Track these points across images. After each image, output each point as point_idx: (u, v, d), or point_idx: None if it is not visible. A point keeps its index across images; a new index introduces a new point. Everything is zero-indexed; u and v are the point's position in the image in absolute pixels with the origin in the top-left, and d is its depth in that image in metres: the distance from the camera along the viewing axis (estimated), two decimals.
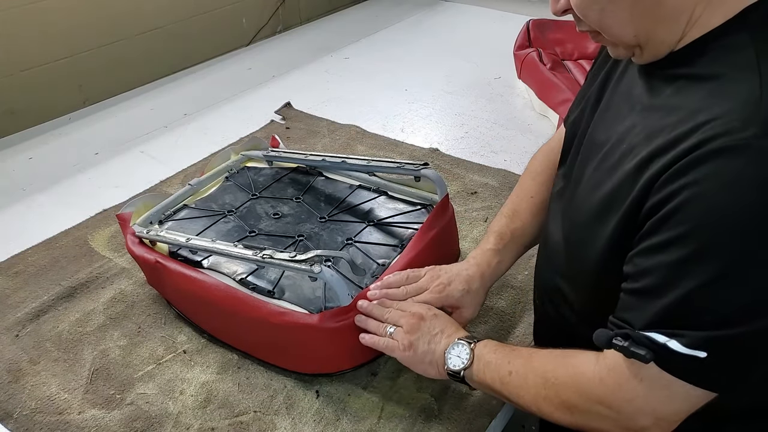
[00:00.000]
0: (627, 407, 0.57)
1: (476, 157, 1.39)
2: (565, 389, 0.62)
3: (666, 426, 0.57)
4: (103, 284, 1.05)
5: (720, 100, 0.51)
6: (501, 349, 0.70)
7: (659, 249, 0.52)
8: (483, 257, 0.84)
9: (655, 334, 0.52)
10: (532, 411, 0.66)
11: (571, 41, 1.77)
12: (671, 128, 0.53)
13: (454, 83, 1.77)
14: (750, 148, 0.47)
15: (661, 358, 0.53)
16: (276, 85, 1.80)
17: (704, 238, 0.49)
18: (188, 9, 1.93)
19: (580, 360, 0.62)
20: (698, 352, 0.51)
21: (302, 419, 0.81)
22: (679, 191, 0.50)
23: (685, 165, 0.50)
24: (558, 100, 1.48)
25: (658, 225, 0.52)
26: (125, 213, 1.00)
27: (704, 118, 0.51)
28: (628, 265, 0.56)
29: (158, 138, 1.53)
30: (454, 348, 0.72)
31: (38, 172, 1.40)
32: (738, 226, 0.48)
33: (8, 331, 0.96)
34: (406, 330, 0.76)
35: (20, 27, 1.54)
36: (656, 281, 0.53)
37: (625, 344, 0.54)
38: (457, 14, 2.33)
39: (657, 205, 0.52)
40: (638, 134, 0.58)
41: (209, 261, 0.92)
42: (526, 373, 0.66)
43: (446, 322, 0.76)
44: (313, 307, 0.82)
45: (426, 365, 0.74)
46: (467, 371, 0.70)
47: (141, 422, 0.81)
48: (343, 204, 1.05)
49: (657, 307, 0.52)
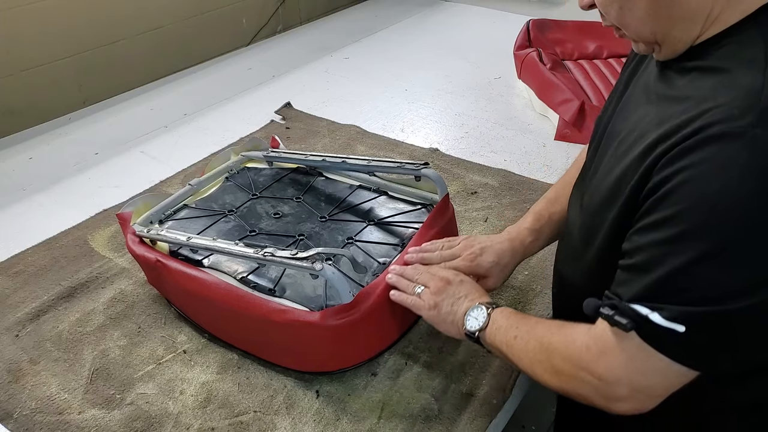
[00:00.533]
0: (607, 375, 0.60)
1: (476, 157, 1.39)
2: (556, 355, 0.65)
3: (643, 400, 0.59)
4: (103, 284, 1.05)
5: (725, 90, 0.53)
6: (513, 316, 0.74)
7: (652, 227, 0.55)
8: (518, 234, 0.88)
9: (640, 307, 0.55)
10: (528, 374, 0.70)
11: (571, 41, 1.77)
12: (678, 115, 0.56)
13: (454, 83, 1.77)
14: (745, 136, 0.50)
15: (641, 328, 0.55)
16: (276, 85, 1.80)
17: (693, 219, 0.52)
18: (188, 9, 1.93)
19: (574, 330, 0.65)
20: (677, 325, 0.53)
21: (302, 419, 0.81)
22: (676, 173, 0.53)
23: (684, 149, 0.53)
24: (558, 100, 1.48)
25: (654, 205, 0.55)
26: (125, 212, 1.00)
27: (708, 106, 0.53)
28: (626, 243, 0.59)
29: (158, 138, 1.53)
30: (473, 311, 0.76)
31: (38, 172, 1.40)
32: (725, 210, 0.50)
33: (8, 331, 0.96)
34: (433, 291, 0.80)
35: (20, 27, 1.54)
36: (646, 257, 0.55)
37: (611, 313, 0.57)
38: (457, 14, 2.33)
39: (656, 186, 0.55)
40: (650, 122, 0.60)
41: (210, 260, 0.92)
42: (528, 338, 0.69)
43: (471, 287, 0.80)
44: (314, 305, 0.82)
45: (447, 324, 0.78)
46: (482, 333, 0.74)
47: (141, 422, 0.81)
48: (344, 204, 1.05)
49: (644, 282, 0.55)
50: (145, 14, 1.82)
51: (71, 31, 1.65)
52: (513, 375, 0.86)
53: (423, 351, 0.90)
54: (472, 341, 0.76)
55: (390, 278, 0.85)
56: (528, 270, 1.04)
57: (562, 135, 1.45)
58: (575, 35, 1.78)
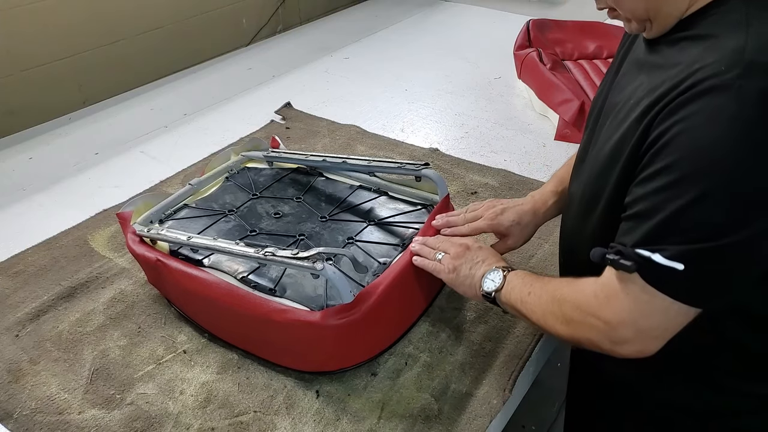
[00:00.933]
0: (613, 318, 0.64)
1: (476, 157, 1.39)
2: (566, 304, 0.70)
3: (646, 341, 0.64)
4: (103, 284, 1.05)
5: (713, 52, 0.58)
6: (528, 276, 0.79)
7: (652, 177, 0.60)
8: (541, 196, 0.94)
9: (642, 250, 0.60)
10: (541, 325, 0.74)
11: (571, 41, 1.77)
12: (671, 79, 0.61)
13: (454, 83, 1.77)
14: (732, 87, 0.55)
15: (643, 269, 0.60)
16: (276, 85, 1.80)
17: (688, 166, 0.57)
18: (188, 9, 1.93)
19: (583, 281, 0.70)
20: (676, 264, 0.58)
21: (302, 419, 0.81)
22: (671, 126, 0.58)
23: (678, 104, 0.58)
24: (558, 100, 1.48)
25: (653, 158, 0.60)
26: (125, 212, 1.00)
27: (698, 66, 0.58)
28: (628, 196, 0.64)
29: (158, 138, 1.53)
30: (490, 274, 0.81)
31: (38, 172, 1.40)
32: (716, 154, 0.55)
33: (8, 331, 0.96)
34: (453, 256, 0.85)
35: (20, 27, 1.54)
36: (647, 205, 0.60)
37: (616, 258, 0.62)
38: (457, 14, 2.33)
39: (654, 140, 0.60)
40: (644, 89, 0.65)
41: (210, 259, 0.92)
42: (541, 293, 0.74)
43: (489, 253, 0.85)
44: (315, 305, 0.82)
45: (466, 287, 0.83)
46: (498, 294, 0.79)
47: (141, 422, 0.81)
48: (344, 204, 1.05)
49: (646, 227, 0.60)
50: (145, 14, 1.82)
51: (71, 31, 1.65)
52: (513, 375, 0.86)
53: (423, 351, 0.90)
54: (489, 302, 0.80)
55: (413, 246, 0.90)
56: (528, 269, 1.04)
57: (562, 135, 1.45)
58: (575, 35, 1.78)
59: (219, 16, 2.03)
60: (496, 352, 0.90)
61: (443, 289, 1.01)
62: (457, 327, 0.94)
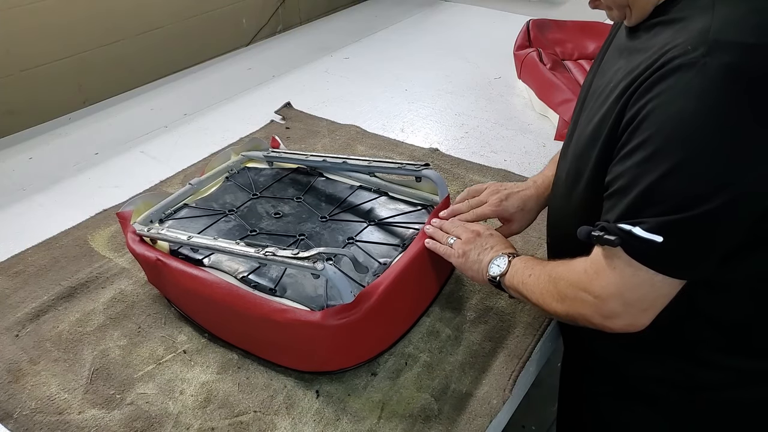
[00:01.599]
0: (602, 292, 0.67)
1: (476, 157, 1.39)
2: (561, 282, 0.73)
3: (635, 314, 0.66)
4: (103, 284, 1.05)
5: (682, 34, 0.62)
6: (531, 260, 0.81)
7: (629, 154, 0.63)
8: (543, 181, 0.96)
9: (624, 225, 0.63)
10: (540, 304, 0.76)
11: (571, 41, 1.77)
12: (645, 61, 0.64)
13: (454, 83, 1.77)
14: (697, 64, 0.58)
15: (626, 243, 0.63)
16: (276, 85, 1.80)
17: (660, 140, 0.60)
18: (188, 9, 1.93)
19: (576, 260, 0.73)
20: (655, 236, 0.61)
21: (302, 419, 0.81)
22: (645, 105, 0.61)
23: (650, 83, 0.61)
24: (558, 100, 1.48)
25: (629, 136, 0.63)
26: (126, 211, 1.00)
27: (668, 48, 0.62)
28: (608, 175, 0.67)
29: (158, 138, 1.53)
30: (496, 259, 0.83)
31: (38, 172, 1.40)
32: (686, 128, 0.59)
33: (8, 331, 0.96)
34: (464, 241, 0.87)
35: (20, 27, 1.54)
36: (626, 181, 0.63)
37: (600, 234, 0.65)
38: (457, 14, 2.33)
39: (630, 119, 0.63)
40: (622, 72, 0.69)
41: (210, 259, 0.92)
42: (540, 274, 0.77)
43: (498, 240, 0.87)
44: (315, 305, 0.82)
45: (474, 272, 0.86)
46: (503, 278, 0.82)
47: (141, 422, 0.81)
48: (344, 204, 1.05)
49: (626, 202, 0.63)
50: (145, 14, 1.82)
51: (71, 31, 1.65)
52: (513, 375, 0.86)
53: (423, 351, 0.90)
54: (494, 285, 0.83)
55: (428, 229, 0.93)
56: None
57: (562, 135, 1.45)
58: (575, 35, 1.78)
59: (219, 16, 2.03)
60: (496, 352, 0.90)
61: (443, 289, 1.01)
62: (457, 327, 0.94)
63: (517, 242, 1.10)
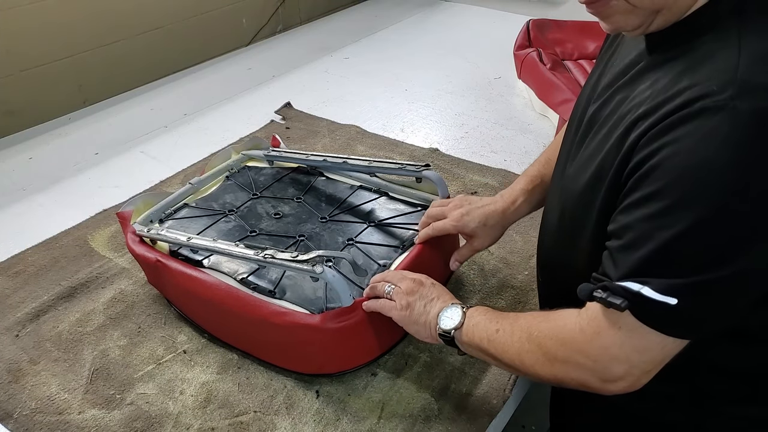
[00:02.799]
0: (603, 355, 0.60)
1: (476, 157, 1.39)
2: (547, 340, 0.64)
3: (638, 376, 0.60)
4: (103, 284, 1.05)
5: (702, 68, 0.55)
6: (491, 312, 0.73)
7: (638, 204, 0.55)
8: (510, 195, 0.90)
9: (630, 283, 0.55)
10: (515, 366, 0.68)
11: (571, 41, 1.77)
12: (656, 94, 0.57)
13: (454, 83, 1.77)
14: (725, 109, 0.51)
15: (635, 306, 0.55)
16: (276, 85, 1.80)
17: (678, 192, 0.52)
18: (188, 9, 1.93)
19: (563, 315, 0.65)
20: (669, 298, 0.53)
21: (302, 419, 0.81)
22: (659, 149, 0.54)
23: (667, 125, 0.54)
24: (558, 100, 1.48)
25: (638, 182, 0.56)
26: (125, 211, 1.00)
27: (686, 84, 0.54)
28: (612, 224, 0.59)
29: (158, 138, 1.53)
30: (446, 310, 0.75)
31: (38, 172, 1.40)
32: (709, 181, 0.51)
33: (8, 331, 0.96)
34: (405, 291, 0.79)
35: (20, 27, 1.53)
36: (635, 235, 0.56)
37: (604, 295, 0.57)
38: (457, 14, 2.33)
39: (639, 163, 0.56)
40: (627, 104, 0.61)
41: (210, 260, 0.92)
42: (512, 330, 0.68)
43: (443, 291, 0.80)
44: (315, 308, 0.82)
45: (420, 326, 0.77)
46: (457, 332, 0.73)
47: (141, 422, 0.81)
48: (344, 204, 1.05)
49: (634, 259, 0.55)
50: (145, 14, 1.82)
51: (71, 31, 1.65)
52: (513, 375, 0.86)
53: (423, 351, 0.90)
54: (445, 342, 0.74)
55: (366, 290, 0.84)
56: (528, 270, 1.04)
57: None
58: (575, 35, 1.78)
59: (219, 16, 2.03)
60: None
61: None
62: None
63: (517, 242, 1.10)
